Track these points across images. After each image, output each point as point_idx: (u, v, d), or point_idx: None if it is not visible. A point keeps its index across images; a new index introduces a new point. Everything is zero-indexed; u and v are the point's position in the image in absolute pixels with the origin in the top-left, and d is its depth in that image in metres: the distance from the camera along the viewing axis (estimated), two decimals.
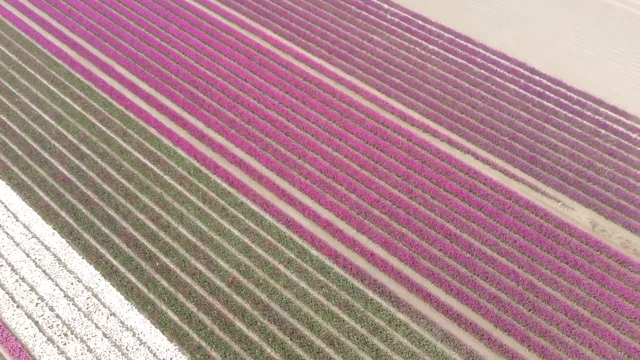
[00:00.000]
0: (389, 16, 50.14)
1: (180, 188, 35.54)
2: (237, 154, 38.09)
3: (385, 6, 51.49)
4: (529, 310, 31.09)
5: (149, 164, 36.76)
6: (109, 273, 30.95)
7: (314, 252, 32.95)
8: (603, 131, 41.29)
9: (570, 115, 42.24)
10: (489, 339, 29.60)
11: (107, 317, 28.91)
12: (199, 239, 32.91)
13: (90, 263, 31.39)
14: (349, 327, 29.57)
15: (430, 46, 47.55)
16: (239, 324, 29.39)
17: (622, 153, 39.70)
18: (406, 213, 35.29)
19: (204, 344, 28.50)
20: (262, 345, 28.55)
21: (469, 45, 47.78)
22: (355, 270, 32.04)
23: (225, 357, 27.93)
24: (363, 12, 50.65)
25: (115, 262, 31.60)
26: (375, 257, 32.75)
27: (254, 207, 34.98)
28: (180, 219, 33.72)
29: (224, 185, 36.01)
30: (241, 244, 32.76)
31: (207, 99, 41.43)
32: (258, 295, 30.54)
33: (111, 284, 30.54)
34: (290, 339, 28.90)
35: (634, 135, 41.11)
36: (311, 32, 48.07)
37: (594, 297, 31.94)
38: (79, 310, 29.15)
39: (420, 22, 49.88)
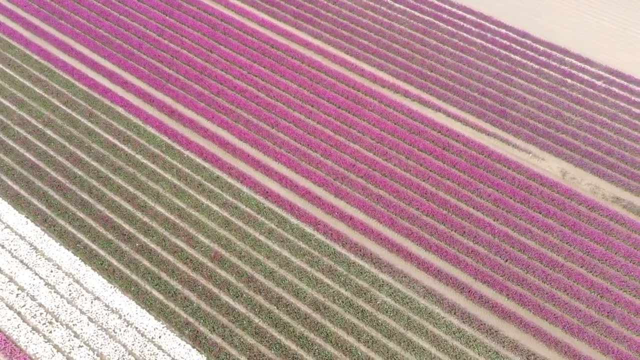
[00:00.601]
0: None
1: (153, 166, 35.01)
2: (208, 127, 37.52)
3: None
4: (506, 260, 32.14)
5: (119, 144, 35.97)
6: (89, 257, 30.65)
7: (293, 220, 33.14)
8: (569, 80, 41.93)
9: (537, 66, 42.67)
10: (469, 291, 30.61)
11: (92, 302, 28.80)
12: (177, 216, 32.70)
13: (68, 249, 30.99)
14: (333, 292, 30.15)
15: (397, 4, 46.98)
16: (224, 297, 29.66)
17: (588, 101, 40.50)
18: (382, 175, 35.61)
19: (191, 319, 28.76)
20: (250, 316, 28.97)
21: (435, 2, 47.38)
22: (336, 236, 32.44)
23: (214, 330, 28.29)
24: None
25: (94, 246, 31.27)
26: (354, 220, 33.15)
27: (230, 180, 34.78)
28: (156, 198, 33.36)
29: (198, 160, 35.60)
30: (220, 218, 32.71)
31: (173, 73, 40.39)
32: (241, 267, 30.76)
33: (92, 268, 30.30)
34: (277, 308, 29.37)
35: (599, 83, 41.86)
36: None
37: (567, 243, 33.15)
38: (61, 297, 28.94)
39: None
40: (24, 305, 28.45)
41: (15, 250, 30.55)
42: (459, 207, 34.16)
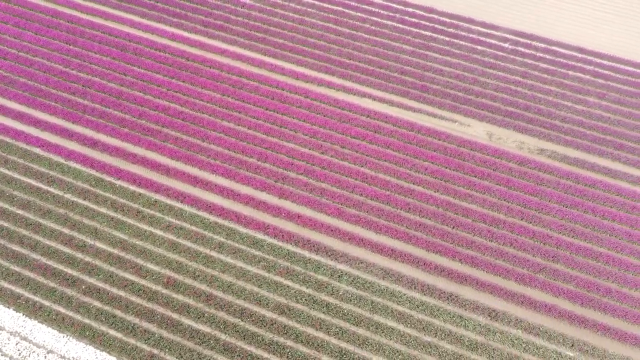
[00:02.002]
0: None
1: (85, 203, 33.38)
2: (137, 152, 36.21)
3: None
4: (453, 227, 33.35)
5: (44, 187, 34.00)
6: (33, 311, 28.83)
7: (242, 229, 32.72)
8: (479, 47, 43.96)
9: (447, 39, 44.43)
10: (424, 264, 31.52)
11: (45, 357, 27.14)
12: (121, 249, 31.39)
13: (8, 307, 28.99)
14: (295, 292, 30.10)
15: None
16: (186, 321, 28.86)
17: (500, 64, 42.68)
18: (321, 168, 35.85)
19: (155, 351, 27.76)
20: (216, 334, 28.36)
21: None
22: (288, 236, 32.36)
23: (181, 357, 27.47)
24: None
25: (36, 298, 29.43)
26: (303, 217, 33.20)
27: (169, 201, 33.80)
28: (95, 235, 31.85)
29: (132, 187, 34.30)
30: (167, 242, 31.73)
31: (88, 103, 38.60)
32: (198, 287, 30.02)
33: (39, 321, 28.52)
34: (242, 320, 28.94)
35: (506, 45, 44.20)
36: (181, 9, 45.84)
37: (505, 200, 34.85)
38: (10, 358, 27.06)
39: None
40: None
41: None
42: (400, 185, 35.03)
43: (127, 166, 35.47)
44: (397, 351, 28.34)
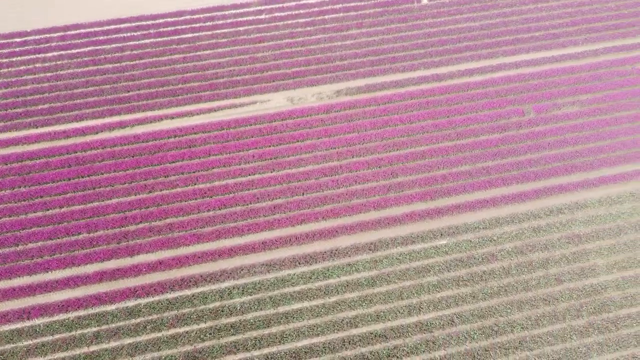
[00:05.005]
0: None
1: None
2: None
3: None
4: (303, 194, 34.79)
5: None
6: None
7: (109, 307, 30.15)
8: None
9: (210, 33, 44.77)
10: (292, 239, 32.53)
11: None
12: None
13: None
14: (196, 332, 28.98)
15: None
16: None
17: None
18: (141, 209, 34.33)
19: None
20: None
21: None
22: (160, 288, 30.68)
23: None
24: None
25: None
26: (163, 262, 31.68)
27: None
28: None
29: None
30: None
31: None
32: None
33: None
34: None
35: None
36: None
37: (332, 149, 37.22)
38: None
39: None
40: None
41: None
42: (227, 176, 35.25)
43: None
44: (316, 326, 29.23)
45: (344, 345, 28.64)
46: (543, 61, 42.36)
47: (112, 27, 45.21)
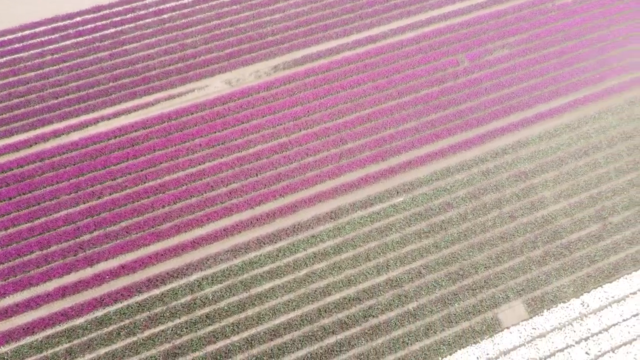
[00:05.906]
0: None
1: None
2: None
3: None
4: (257, 175, 34.62)
5: None
6: None
7: (79, 321, 29.38)
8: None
9: (133, 25, 43.01)
10: (254, 221, 32.50)
11: None
12: None
13: None
14: (174, 328, 28.75)
15: None
16: None
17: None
18: (96, 215, 33.34)
19: None
20: None
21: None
22: (126, 293, 30.08)
23: None
24: None
25: None
26: (126, 266, 31.00)
27: None
28: None
29: None
30: None
31: None
32: None
33: None
34: None
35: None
36: None
37: (274, 126, 37.00)
38: None
39: None
40: None
41: None
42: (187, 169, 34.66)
43: None
44: (290, 301, 29.57)
45: (321, 314, 29.20)
46: (470, 9, 43.30)
47: (27, 32, 42.56)
